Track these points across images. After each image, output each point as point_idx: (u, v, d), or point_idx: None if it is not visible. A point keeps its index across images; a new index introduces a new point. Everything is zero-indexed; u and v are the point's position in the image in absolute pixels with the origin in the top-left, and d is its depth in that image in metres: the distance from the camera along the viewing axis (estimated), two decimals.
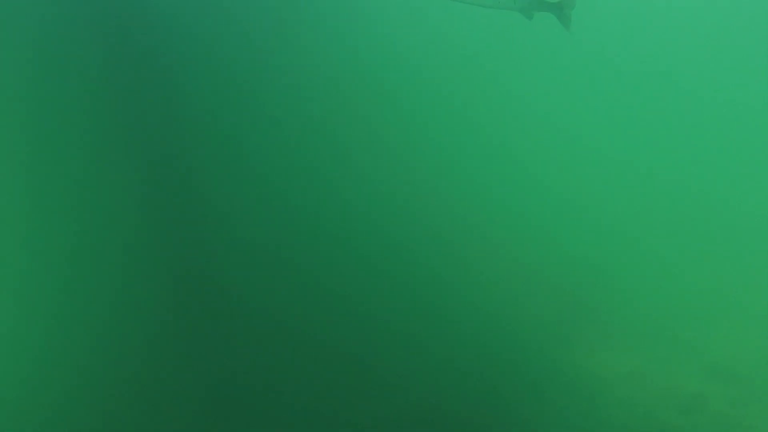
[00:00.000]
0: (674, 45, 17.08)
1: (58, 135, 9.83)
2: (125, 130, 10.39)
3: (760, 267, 12.78)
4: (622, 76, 16.48)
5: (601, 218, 13.59)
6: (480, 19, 15.45)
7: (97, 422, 7.61)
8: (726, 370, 10.60)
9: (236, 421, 7.72)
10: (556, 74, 16.21)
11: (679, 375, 10.45)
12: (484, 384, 8.76)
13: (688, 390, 10.13)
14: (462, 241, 11.65)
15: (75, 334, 8.57)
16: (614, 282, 12.12)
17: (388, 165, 11.77)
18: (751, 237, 13.59)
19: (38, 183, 9.32)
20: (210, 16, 12.40)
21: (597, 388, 9.86)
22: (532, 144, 14.38)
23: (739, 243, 13.46)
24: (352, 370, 8.23)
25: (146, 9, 11.32)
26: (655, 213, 14.17)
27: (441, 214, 12.12)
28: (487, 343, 9.60)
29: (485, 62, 15.14)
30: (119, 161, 10.03)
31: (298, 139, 11.34)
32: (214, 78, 11.79)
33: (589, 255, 12.35)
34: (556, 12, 9.19)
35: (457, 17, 15.38)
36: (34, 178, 9.29)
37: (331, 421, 7.62)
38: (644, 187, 14.70)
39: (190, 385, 8.18)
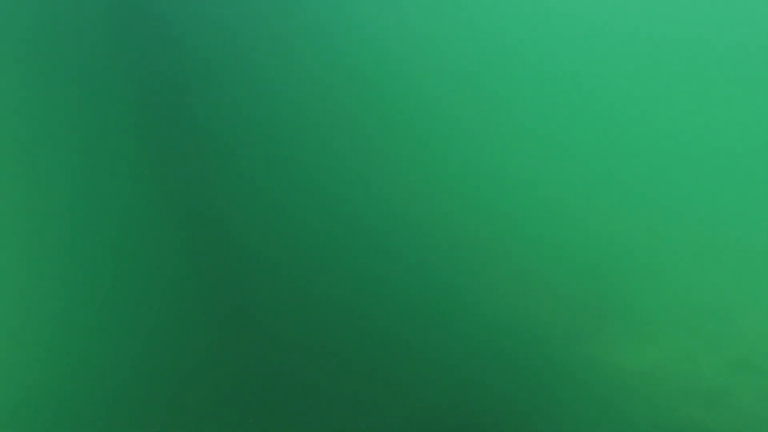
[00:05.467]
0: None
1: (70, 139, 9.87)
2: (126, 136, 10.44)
3: None
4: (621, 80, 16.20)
5: (625, 206, 13.38)
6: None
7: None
8: (752, 364, 10.38)
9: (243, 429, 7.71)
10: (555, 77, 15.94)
11: (703, 369, 10.26)
12: (496, 385, 8.67)
13: (713, 384, 9.94)
14: (467, 236, 11.55)
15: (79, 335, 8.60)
16: (636, 273, 11.92)
17: (388, 168, 11.70)
18: None
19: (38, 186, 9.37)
20: (208, 18, 12.41)
21: (618, 382, 9.70)
22: (542, 134, 14.19)
23: (766, 234, 13.18)
24: (363, 377, 8.18)
25: (144, 11, 11.35)
26: (683, 202, 13.93)
27: (444, 214, 12.04)
28: (498, 342, 9.50)
29: (482, 60, 14.93)
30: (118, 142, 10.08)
31: (293, 144, 11.31)
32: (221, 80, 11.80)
33: (610, 244, 12.16)
34: None
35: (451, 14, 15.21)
36: (34, 181, 9.35)
37: (342, 428, 7.59)
38: (667, 175, 14.45)
39: (193, 389, 8.18)
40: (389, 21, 14.15)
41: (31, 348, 8.59)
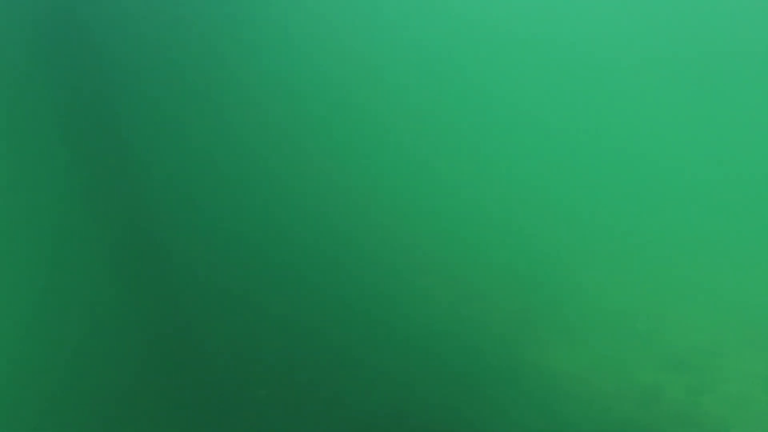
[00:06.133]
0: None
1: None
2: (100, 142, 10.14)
3: (711, 257, 12.90)
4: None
5: (553, 214, 13.58)
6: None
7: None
8: (680, 360, 10.66)
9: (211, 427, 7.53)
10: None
11: (634, 367, 10.46)
12: (433, 390, 8.68)
13: (644, 381, 10.15)
14: (401, 246, 11.59)
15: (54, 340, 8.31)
16: (566, 277, 12.11)
17: (319, 177, 11.65)
18: (701, 228, 13.71)
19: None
20: (203, 16, 12.16)
21: (553, 384, 9.82)
22: (487, 142, 14.34)
23: (688, 234, 13.57)
24: (300, 387, 8.09)
25: (68, 17, 11.04)
26: (608, 207, 14.22)
27: (377, 223, 12.06)
28: (437, 349, 9.52)
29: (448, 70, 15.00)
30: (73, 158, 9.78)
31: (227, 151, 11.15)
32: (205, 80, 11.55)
33: (539, 252, 12.33)
34: None
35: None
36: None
37: None
38: (596, 182, 14.75)
39: (173, 386, 7.97)
40: (314, 25, 14.07)
41: None
